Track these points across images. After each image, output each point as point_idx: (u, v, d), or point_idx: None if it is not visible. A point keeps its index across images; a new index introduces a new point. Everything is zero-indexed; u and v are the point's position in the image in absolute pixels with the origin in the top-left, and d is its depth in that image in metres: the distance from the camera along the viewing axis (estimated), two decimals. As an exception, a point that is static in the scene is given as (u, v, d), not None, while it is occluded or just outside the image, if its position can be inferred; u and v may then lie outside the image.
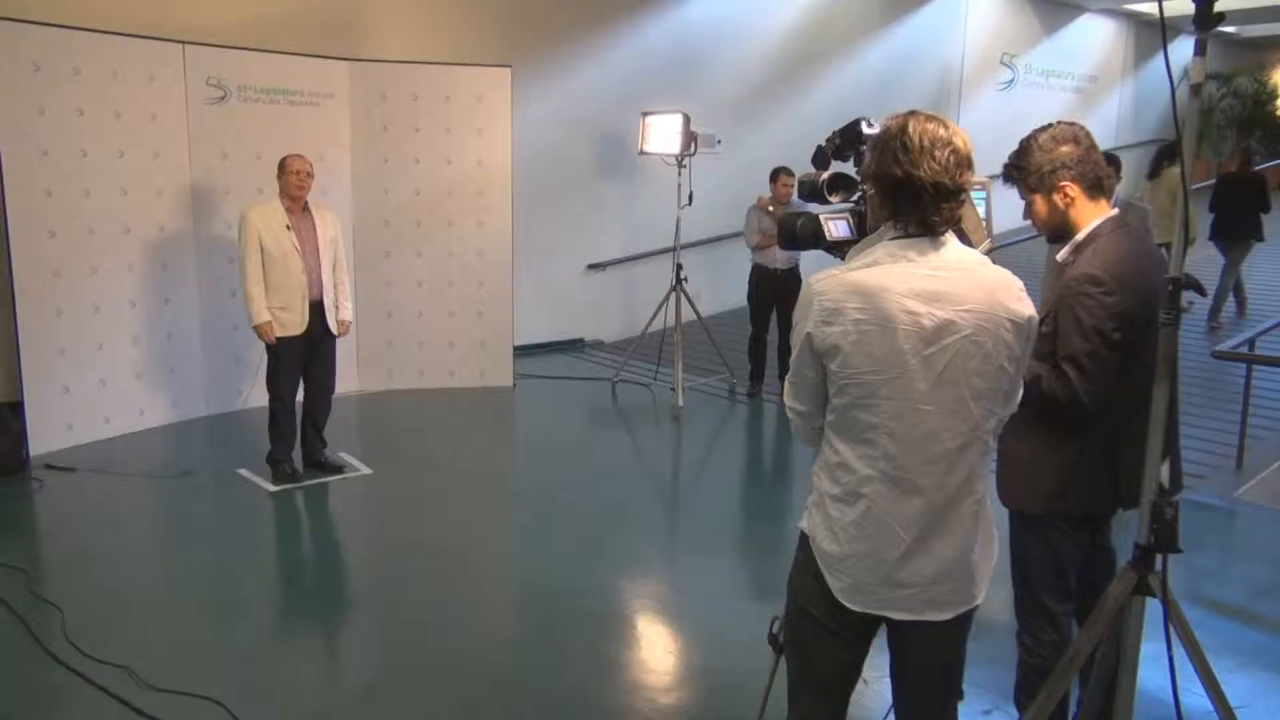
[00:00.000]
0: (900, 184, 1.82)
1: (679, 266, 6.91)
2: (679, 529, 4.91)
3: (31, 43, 5.26)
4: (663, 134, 6.86)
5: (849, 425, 1.87)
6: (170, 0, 6.33)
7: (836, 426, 1.90)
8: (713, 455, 6.22)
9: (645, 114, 7.06)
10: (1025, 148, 2.43)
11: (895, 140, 1.83)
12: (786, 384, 1.99)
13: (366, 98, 6.77)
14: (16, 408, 5.36)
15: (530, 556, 4.43)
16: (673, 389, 6.76)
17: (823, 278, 1.87)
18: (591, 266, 8.81)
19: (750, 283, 7.07)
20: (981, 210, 2.37)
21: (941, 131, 1.82)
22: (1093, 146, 2.42)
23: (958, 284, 1.82)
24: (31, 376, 5.38)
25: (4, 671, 3.29)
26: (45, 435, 5.46)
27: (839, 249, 2.23)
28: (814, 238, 2.25)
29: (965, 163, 1.83)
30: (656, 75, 8.65)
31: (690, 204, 6.83)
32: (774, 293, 6.95)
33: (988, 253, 2.08)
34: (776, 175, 6.92)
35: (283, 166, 5.01)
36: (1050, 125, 2.44)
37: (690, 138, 6.72)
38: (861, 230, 2.20)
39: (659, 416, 6.74)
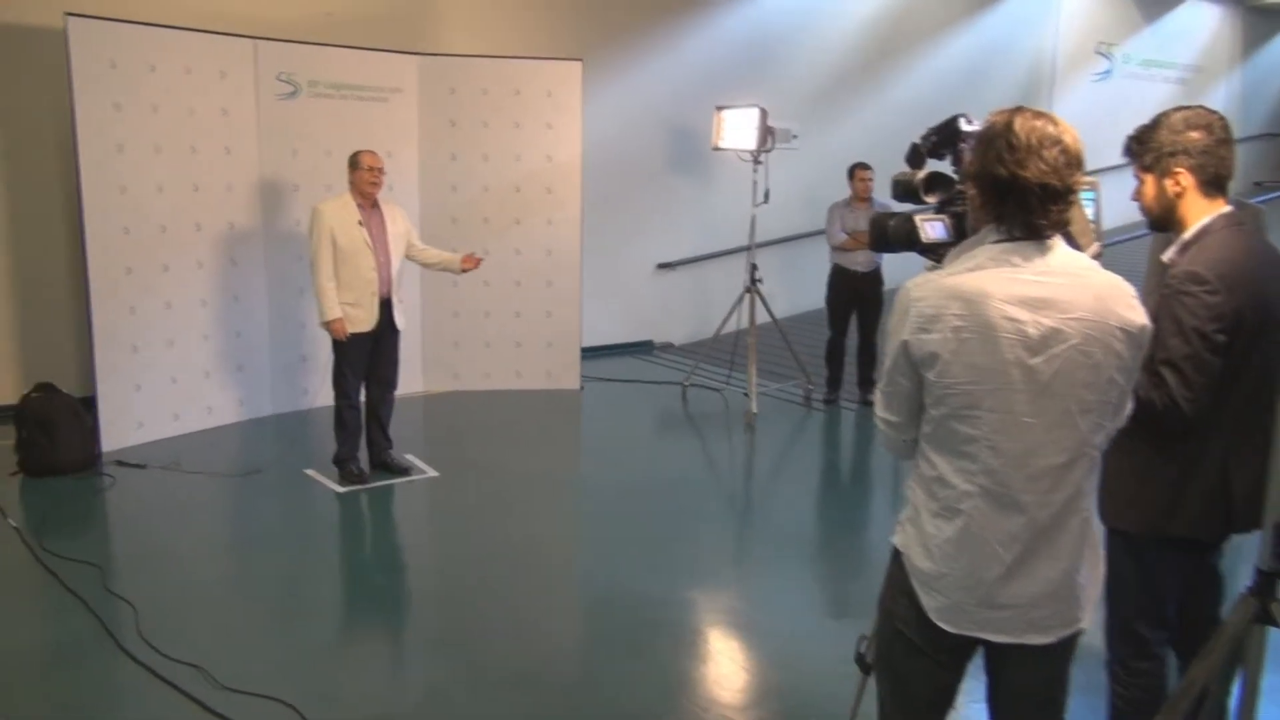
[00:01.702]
0: (1005, 185, 1.80)
1: (754, 266, 6.89)
2: (752, 540, 4.90)
3: (110, 39, 5.47)
4: (738, 129, 6.86)
5: (947, 438, 1.85)
6: (243, -5, 6.55)
7: (933, 439, 1.88)
8: (787, 464, 6.18)
9: (720, 108, 7.06)
10: (1155, 123, 2.34)
11: (1000, 138, 1.80)
12: (878, 393, 1.98)
13: (435, 92, 6.89)
14: (90, 403, 5.58)
15: (599, 564, 4.46)
16: (746, 394, 6.74)
17: (920, 282, 1.85)
18: (661, 266, 8.83)
19: (829, 284, 7.02)
20: (1090, 212, 2.32)
21: (1050, 129, 1.79)
22: (1225, 141, 2.32)
23: (1065, 290, 1.79)
24: (105, 373, 5.59)
25: (81, 667, 3.43)
26: (116, 431, 5.66)
27: (934, 252, 2.21)
28: (907, 239, 2.23)
29: (1075, 162, 1.80)
30: (731, 68, 8.63)
31: (766, 201, 6.81)
32: (854, 295, 6.89)
33: (1096, 257, 2.04)
34: (854, 171, 6.87)
35: (355, 162, 5.13)
36: (1190, 107, 2.35)
37: (767, 133, 6.70)
38: (959, 233, 2.17)
39: (731, 423, 6.72)
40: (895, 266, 6.59)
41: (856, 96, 9.74)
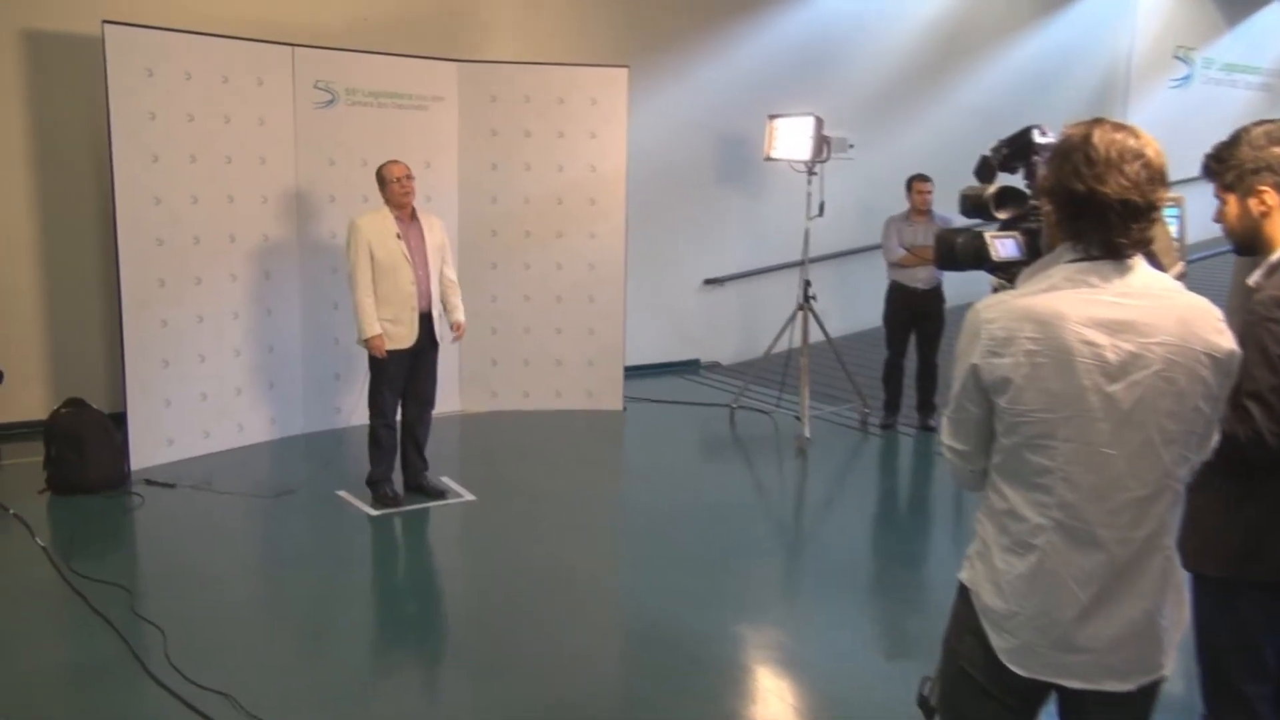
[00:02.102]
0: (1082, 201, 1.79)
1: (807, 283, 6.88)
2: (803, 572, 4.87)
3: (147, 47, 5.62)
4: (792, 138, 6.86)
5: (1019, 468, 1.84)
6: (281, 1, 6.67)
7: (1005, 469, 1.87)
8: (841, 492, 6.14)
9: (772, 117, 7.07)
10: (1235, 139, 2.30)
11: (1077, 152, 1.79)
12: (945, 420, 1.96)
13: (476, 100, 6.98)
14: (119, 419, 5.70)
15: (641, 593, 4.46)
16: (798, 417, 6.72)
17: (992, 303, 1.84)
18: (709, 281, 8.84)
19: (887, 302, 6.99)
20: (1174, 230, 2.29)
21: (1131, 142, 1.78)
22: None
23: (1147, 313, 1.77)
24: (135, 388, 5.71)
25: (107, 692, 3.49)
26: (146, 449, 5.78)
27: (1005, 271, 2.19)
28: (976, 257, 2.21)
29: (1158, 177, 1.79)
30: (784, 74, 8.64)
31: (821, 214, 6.80)
32: (914, 314, 6.85)
33: (1180, 277, 2.02)
34: (912, 183, 6.85)
35: (383, 177, 5.22)
36: (1273, 120, 2.29)
37: (822, 142, 6.70)
38: (1033, 251, 2.15)
39: (782, 447, 6.69)
40: (957, 283, 6.57)
41: (916, 104, 9.69)
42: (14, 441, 6.07)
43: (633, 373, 7.82)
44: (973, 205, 2.29)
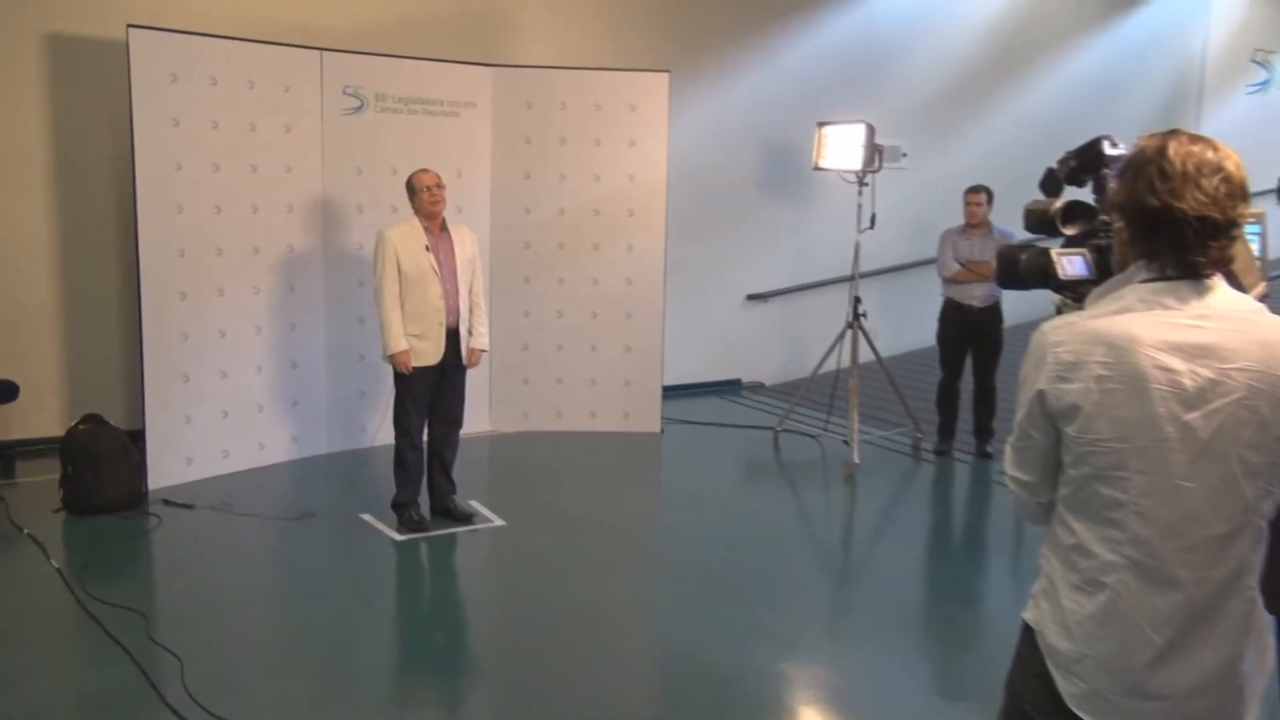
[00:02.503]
0: (1157, 217, 1.77)
1: (857, 299, 6.86)
2: (851, 608, 4.83)
3: (171, 52, 5.73)
4: (842, 147, 6.86)
5: (1089, 501, 1.81)
6: (309, 4, 6.78)
7: (1073, 502, 1.84)
8: (892, 522, 6.10)
9: (821, 124, 7.07)
10: None
11: (1151, 165, 1.78)
12: (1008, 449, 1.95)
13: (510, 107, 7.04)
14: (137, 437, 5.78)
15: (678, 628, 4.44)
16: (846, 442, 6.68)
17: (1059, 325, 1.83)
18: (752, 297, 8.83)
19: (941, 320, 6.95)
20: (1255, 247, 2.26)
21: (1210, 155, 1.76)
22: None
23: (1226, 337, 1.75)
24: (154, 404, 5.80)
25: (121, 722, 3.53)
26: (164, 468, 5.85)
27: (1072, 290, 2.17)
28: (1041, 275, 2.20)
29: (1239, 193, 1.77)
30: (834, 80, 8.65)
31: (872, 227, 6.78)
32: (969, 332, 6.80)
33: (1262, 298, 1.99)
34: (965, 195, 6.82)
35: (412, 186, 5.28)
36: None
37: (874, 151, 6.68)
38: (1102, 269, 2.14)
39: (829, 474, 6.67)
40: (1015, 302, 6.55)
41: (973, 111, 9.66)
42: (29, 458, 6.19)
43: (671, 393, 7.82)
44: (1038, 220, 2.27)
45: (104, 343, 6.53)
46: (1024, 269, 2.21)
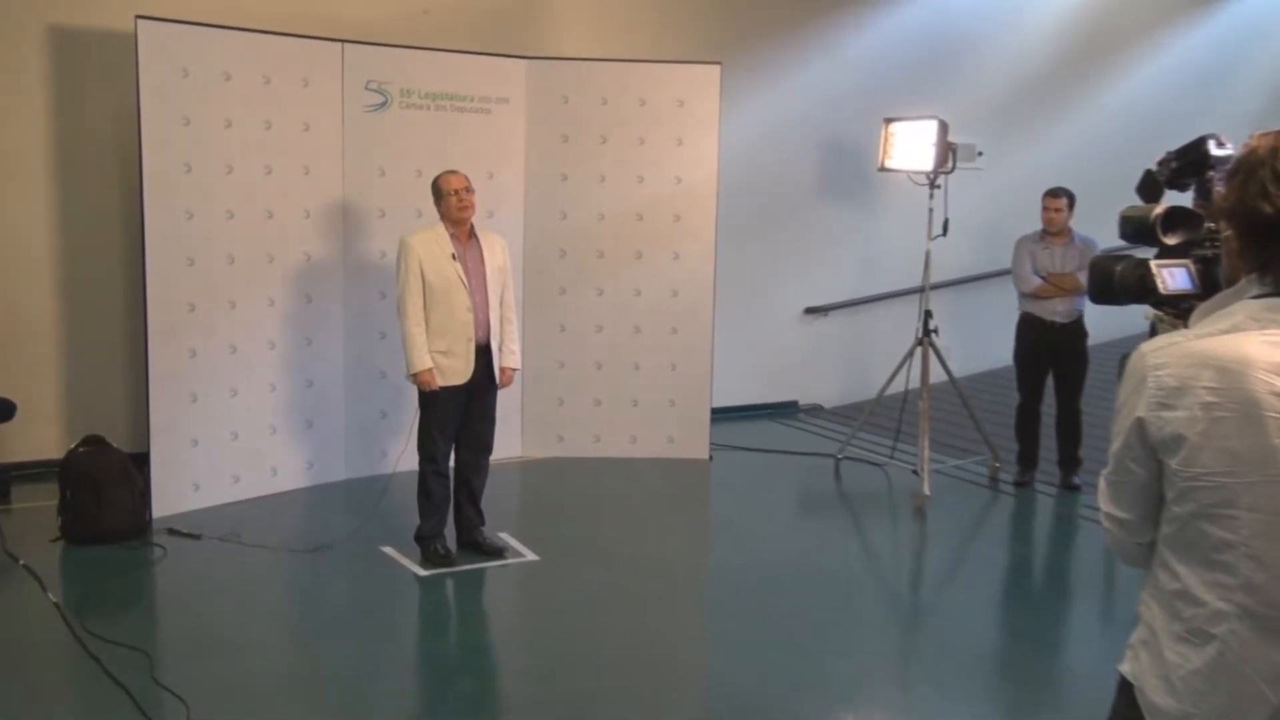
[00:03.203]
0: (1270, 226, 1.74)
1: (927, 313, 6.82)
2: (922, 655, 4.78)
3: (183, 45, 5.83)
4: (911, 145, 6.83)
5: (1194, 542, 1.78)
6: (330, -8, 6.89)
7: (1176, 543, 1.81)
8: (966, 561, 6.04)
9: (888, 121, 7.05)
10: None
11: (1265, 167, 1.75)
12: (1104, 483, 1.93)
13: (545, 102, 7.09)
14: (141, 460, 5.86)
15: (728, 674, 4.42)
16: (915, 471, 6.64)
17: (1161, 346, 1.80)
18: (810, 311, 8.81)
19: (1018, 337, 6.90)
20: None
21: (1333, 156, 1.73)
22: None
23: (1352, 359, 1.71)
24: (159, 426, 5.88)
25: (122, 771, 3.57)
26: (169, 494, 5.93)
27: (1174, 306, 2.14)
28: (1139, 289, 2.17)
29: (1365, 198, 1.73)
30: (902, 72, 8.64)
31: (945, 234, 6.75)
32: (1050, 351, 6.75)
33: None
34: (1043, 199, 6.77)
35: (439, 189, 5.31)
36: None
37: (947, 150, 6.65)
38: (1207, 283, 2.11)
39: (896, 506, 6.63)
40: (1100, 317, 6.47)
41: (1053, 107, 9.62)
42: (26, 483, 6.28)
43: (721, 416, 7.81)
44: (1135, 228, 2.25)
45: (106, 358, 6.63)
46: (1120, 282, 2.18)
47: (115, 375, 6.64)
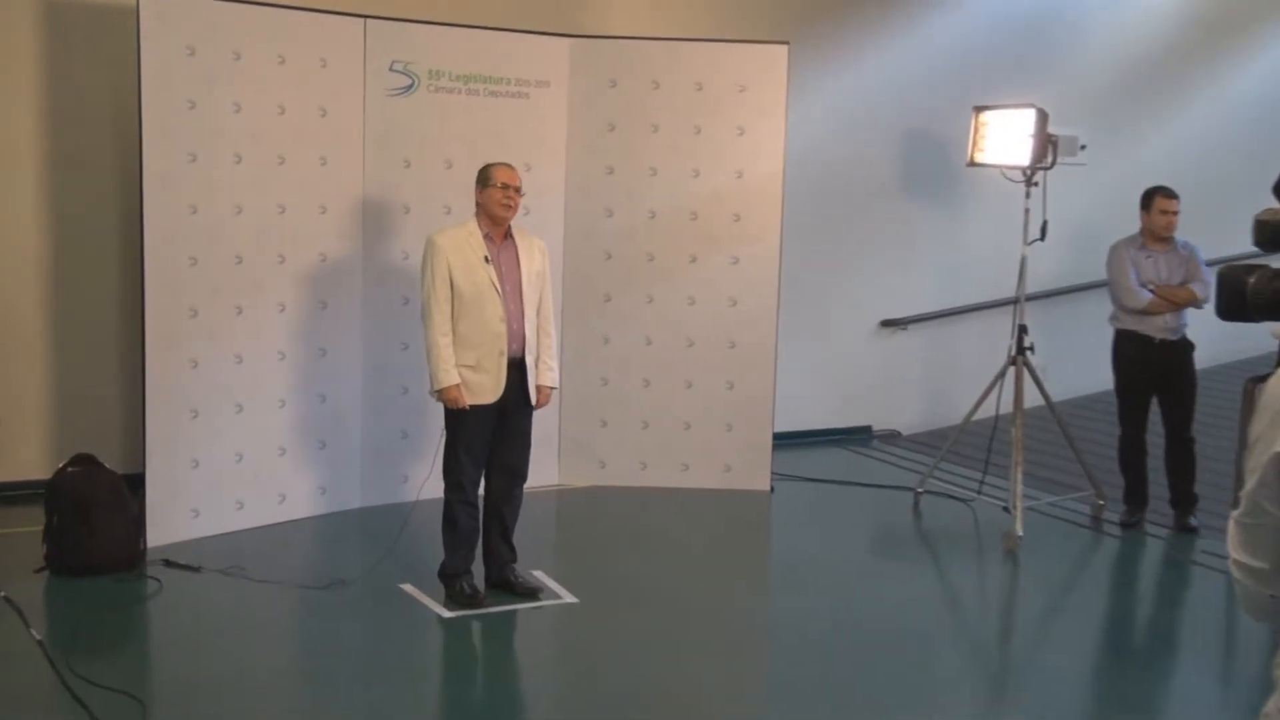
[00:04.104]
0: None
1: (1022, 328, 6.76)
2: (1009, 718, 4.72)
3: (189, 19, 5.89)
4: (1006, 137, 6.78)
5: (1342, 598, 1.74)
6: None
7: (1320, 598, 1.77)
8: (1064, 612, 5.97)
9: (979, 109, 7.00)
10: None
11: None
12: (1234, 527, 1.90)
13: (590, 86, 7.11)
14: (137, 482, 5.91)
15: (795, 741, 4.39)
16: (1007, 508, 6.58)
17: (1304, 369, 1.76)
18: (887, 323, 8.78)
19: (1117, 356, 6.85)
20: None
21: None
22: None
23: None
24: (157, 444, 5.93)
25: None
26: (167, 521, 5.97)
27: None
28: (1275, 304, 2.13)
29: None
30: (994, 54, 8.61)
31: (1043, 238, 6.68)
32: (1156, 373, 6.68)
33: None
34: (1152, 199, 6.70)
35: (486, 177, 5.31)
36: None
37: (1046, 143, 6.59)
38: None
39: (984, 548, 6.58)
40: (1203, 331, 6.47)
41: (1164, 96, 9.59)
42: (9, 505, 6.37)
43: (784, 442, 7.78)
44: (1273, 234, 2.21)
45: (99, 368, 6.71)
46: (1253, 296, 2.15)
47: (108, 387, 6.71)
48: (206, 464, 6.14)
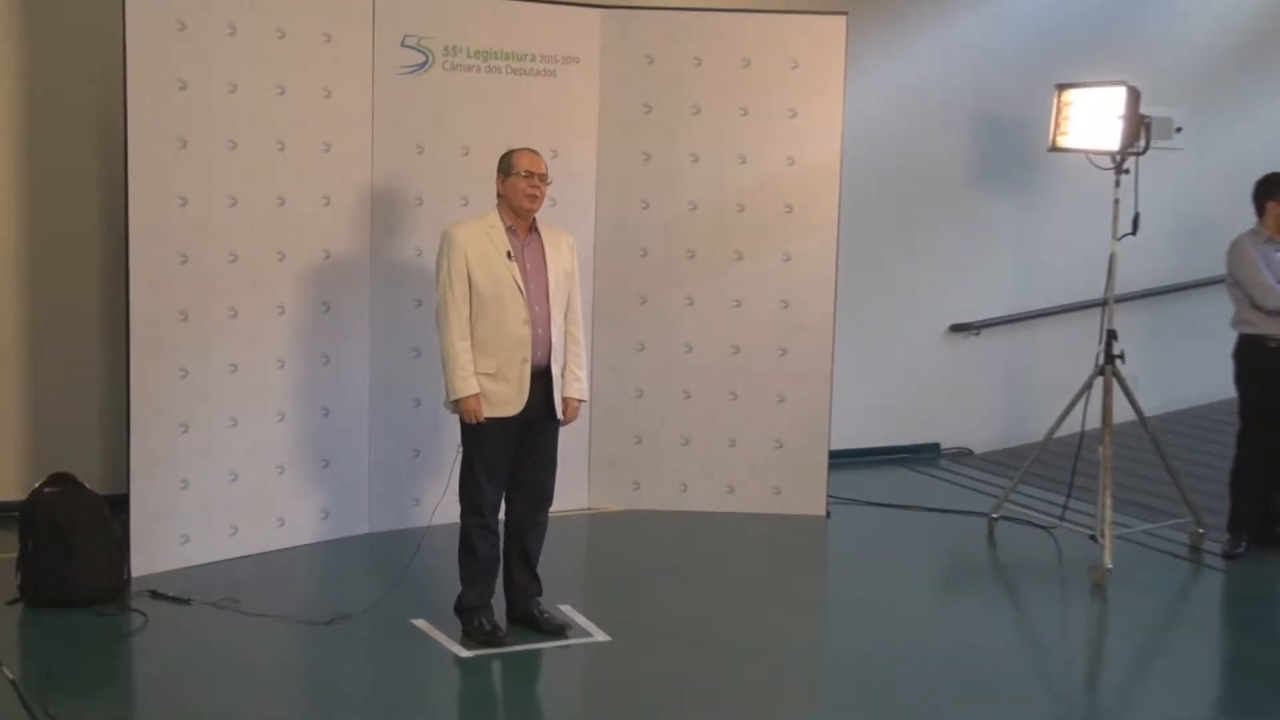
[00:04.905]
0: None
1: (1111, 334, 6.71)
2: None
3: (182, -9, 5.92)
4: (1093, 119, 6.73)
5: None
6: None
7: None
8: (1159, 655, 5.95)
9: (1062, 87, 6.95)
10: None
11: None
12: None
13: (625, 62, 7.09)
14: (120, 505, 5.91)
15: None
16: (1094, 537, 6.52)
17: None
18: (957, 328, 8.75)
19: (1245, 366, 6.79)
20: None
21: None
22: None
23: None
24: (142, 462, 5.93)
25: None
26: (153, 548, 5.97)
27: None
28: None
29: None
30: (1079, 27, 8.58)
31: (1135, 232, 6.64)
32: (1281, 383, 6.65)
33: None
34: (1270, 187, 6.66)
35: (508, 165, 5.29)
36: None
37: (1139, 125, 6.54)
38: None
39: (1068, 582, 6.55)
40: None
41: (1274, 73, 9.44)
42: (-22, 530, 6.40)
43: (841, 461, 7.77)
44: None
45: (79, 378, 6.73)
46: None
47: (89, 399, 6.74)
48: (197, 484, 6.14)
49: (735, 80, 7.12)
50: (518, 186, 5.25)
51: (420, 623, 5.54)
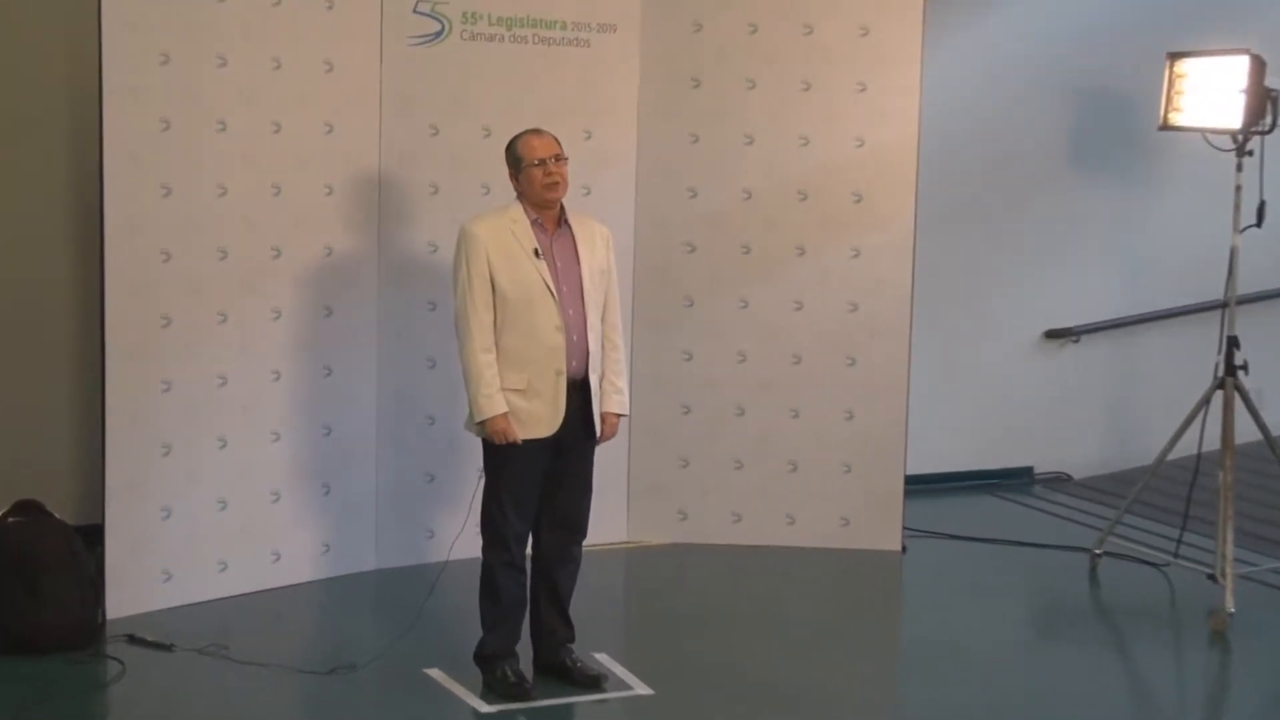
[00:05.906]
0: None
1: (1232, 342, 6.67)
2: None
3: (162, -48, 5.96)
4: (1211, 93, 6.70)
5: None
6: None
7: None
8: (1292, 709, 5.91)
9: (1174, 57, 6.92)
10: None
11: None
12: None
13: (668, 30, 7.10)
14: (94, 536, 5.94)
15: None
16: (1213, 576, 6.49)
17: None
18: (1052, 334, 8.72)
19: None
20: None
21: None
22: None
23: None
24: (119, 488, 5.95)
25: None
26: (131, 586, 5.99)
27: None
28: None
29: None
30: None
31: (1260, 223, 6.61)
32: None
33: None
34: None
35: (516, 155, 5.26)
36: None
37: (1264, 101, 6.49)
38: None
39: (1184, 626, 6.54)
40: None
41: None
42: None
43: (920, 487, 7.76)
44: None
45: (48, 393, 6.77)
46: None
47: (58, 417, 6.78)
48: (181, 513, 6.17)
49: (796, 49, 7.12)
50: (535, 179, 5.21)
51: (435, 673, 5.54)
